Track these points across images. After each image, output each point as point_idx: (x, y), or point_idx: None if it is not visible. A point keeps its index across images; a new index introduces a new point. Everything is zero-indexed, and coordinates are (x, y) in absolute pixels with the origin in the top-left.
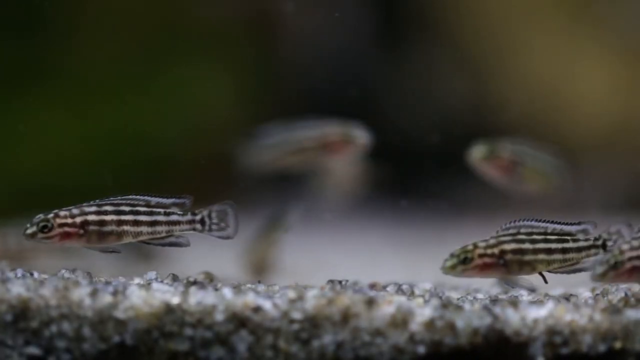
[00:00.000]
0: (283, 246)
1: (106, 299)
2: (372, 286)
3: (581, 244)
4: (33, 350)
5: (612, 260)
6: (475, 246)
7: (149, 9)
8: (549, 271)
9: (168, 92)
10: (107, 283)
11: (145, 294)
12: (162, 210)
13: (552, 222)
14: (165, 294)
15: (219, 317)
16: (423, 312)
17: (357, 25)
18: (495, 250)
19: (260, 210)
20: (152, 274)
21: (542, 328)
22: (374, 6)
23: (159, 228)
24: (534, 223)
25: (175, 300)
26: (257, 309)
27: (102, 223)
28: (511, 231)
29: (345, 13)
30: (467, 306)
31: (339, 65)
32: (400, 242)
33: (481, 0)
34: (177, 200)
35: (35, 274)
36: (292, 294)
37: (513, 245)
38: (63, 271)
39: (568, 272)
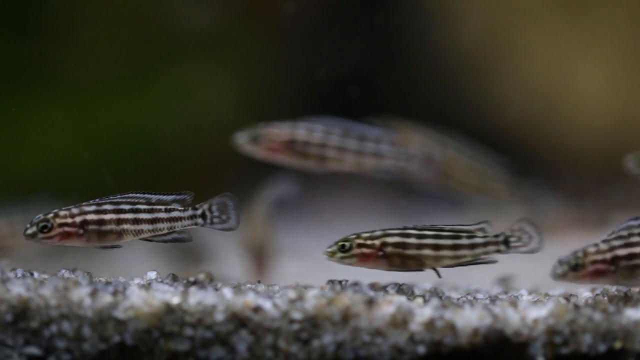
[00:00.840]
0: (276, 224)
1: (106, 299)
2: (372, 286)
3: (477, 240)
4: (33, 350)
5: (573, 261)
6: (358, 236)
7: (149, 10)
8: (448, 266)
9: (168, 92)
10: (107, 283)
11: (145, 294)
12: (162, 207)
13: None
14: (165, 294)
15: (219, 317)
16: (423, 312)
17: (356, 26)
18: (377, 242)
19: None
20: (152, 274)
21: (542, 328)
22: (374, 7)
23: (160, 225)
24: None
25: (175, 300)
26: (257, 309)
27: (101, 222)
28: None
29: (345, 13)
30: (467, 306)
31: (340, 65)
32: None
33: (482, 0)
34: (178, 197)
35: (35, 274)
36: (292, 294)
37: (396, 239)
38: (63, 271)
39: (463, 265)
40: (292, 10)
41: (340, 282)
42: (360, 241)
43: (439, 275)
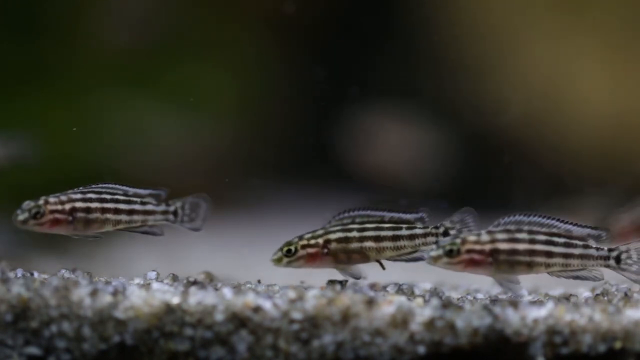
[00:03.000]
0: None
1: (106, 299)
2: (372, 286)
3: (416, 231)
4: (33, 350)
5: (448, 247)
6: (301, 238)
7: (149, 10)
8: (391, 260)
9: (169, 92)
10: (107, 283)
11: (145, 294)
12: (138, 199)
13: (391, 211)
14: (166, 294)
15: (219, 317)
16: (423, 312)
17: (356, 26)
18: (320, 241)
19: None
20: (152, 274)
21: (542, 328)
22: (374, 7)
23: (135, 217)
24: (370, 212)
25: (175, 300)
26: (257, 309)
27: (88, 210)
28: (345, 221)
29: (344, 13)
30: (467, 306)
31: (339, 65)
32: None
33: (482, 0)
34: (154, 192)
35: (35, 274)
36: (292, 294)
37: (338, 235)
38: (63, 271)
39: (407, 261)
40: (292, 10)
41: (340, 282)
42: (304, 242)
43: (383, 267)
